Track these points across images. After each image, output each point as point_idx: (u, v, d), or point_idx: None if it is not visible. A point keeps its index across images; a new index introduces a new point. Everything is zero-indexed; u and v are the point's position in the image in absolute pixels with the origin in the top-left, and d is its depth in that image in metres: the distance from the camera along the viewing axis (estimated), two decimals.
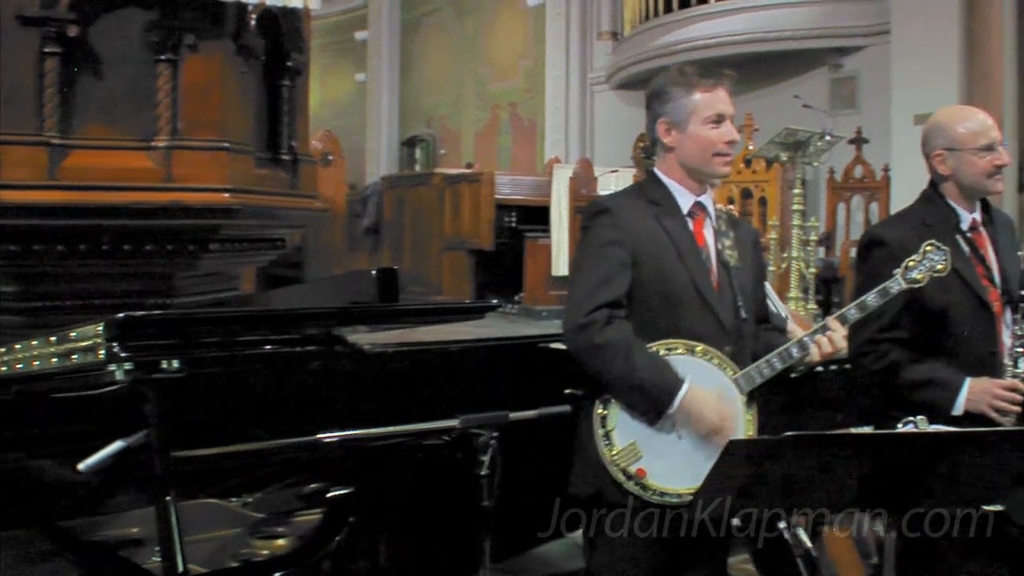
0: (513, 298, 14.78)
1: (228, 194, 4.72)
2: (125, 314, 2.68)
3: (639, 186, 3.60)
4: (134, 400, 2.83)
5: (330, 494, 3.35)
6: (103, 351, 2.69)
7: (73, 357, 2.80)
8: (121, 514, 3.45)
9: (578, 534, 3.78)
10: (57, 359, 2.87)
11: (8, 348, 3.11)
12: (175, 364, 2.75)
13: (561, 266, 14.13)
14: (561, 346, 3.39)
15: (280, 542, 3.34)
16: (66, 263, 4.63)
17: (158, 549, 2.83)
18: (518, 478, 3.39)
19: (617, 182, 13.80)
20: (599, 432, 3.24)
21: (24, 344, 3.06)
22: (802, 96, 12.16)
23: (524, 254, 14.74)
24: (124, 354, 2.69)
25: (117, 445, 2.81)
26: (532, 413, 3.48)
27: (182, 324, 2.99)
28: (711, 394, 3.22)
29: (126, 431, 2.84)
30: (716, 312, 3.34)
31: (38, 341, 2.99)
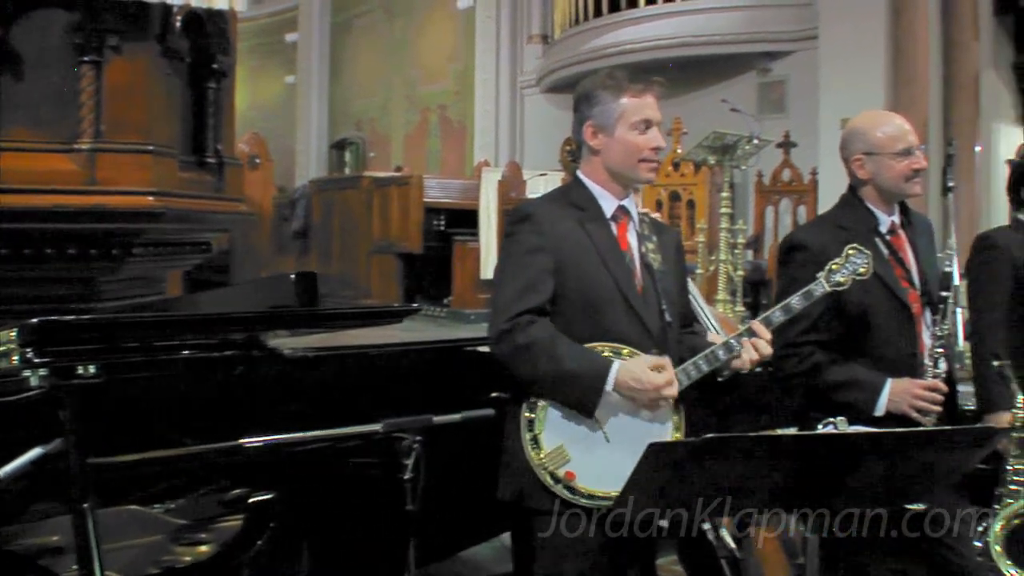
0: (442, 301, 14.76)
1: (152, 197, 4.69)
2: (40, 319, 2.64)
3: (563, 190, 3.59)
4: (54, 406, 2.78)
5: (252, 499, 3.33)
6: (16, 356, 2.65)
7: None
8: (42, 522, 3.40)
9: (507, 537, 3.77)
10: None
11: None
12: (92, 369, 2.71)
13: (489, 269, 14.10)
14: (488, 349, 3.38)
15: (203, 548, 3.31)
16: None
17: None
18: (446, 482, 3.38)
19: (546, 185, 13.81)
20: (526, 436, 3.23)
21: None
22: (730, 100, 12.23)
23: (453, 257, 14.74)
24: (39, 360, 2.65)
25: (35, 452, 2.76)
26: (456, 417, 3.47)
27: (98, 329, 2.95)
28: (642, 361, 3.23)
29: (48, 438, 2.80)
30: (641, 315, 3.34)
31: None
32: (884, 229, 3.89)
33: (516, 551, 3.47)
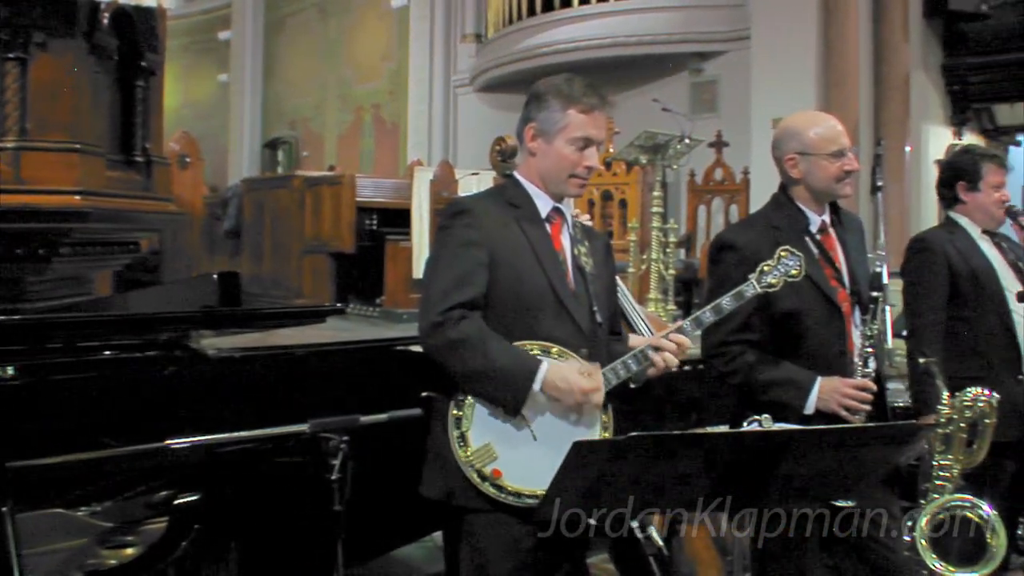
0: (374, 301, 14.70)
1: (79, 197, 4.64)
2: None
3: (499, 188, 3.60)
4: None
5: (177, 501, 3.29)
6: None
7: None
8: None
9: (439, 537, 3.77)
10: None
11: None
12: (10, 371, 2.67)
13: (422, 269, 14.02)
14: (419, 348, 3.36)
15: (129, 551, 3.28)
16: None
17: None
18: (375, 481, 3.37)
19: (478, 184, 13.77)
20: (454, 433, 3.22)
21: None
22: (662, 100, 12.25)
23: (385, 257, 14.67)
24: None
25: None
26: (383, 416, 3.46)
27: (21, 329, 2.91)
28: (570, 365, 3.23)
29: None
30: (572, 315, 3.35)
31: None
32: (814, 229, 3.91)
33: (448, 551, 3.45)
